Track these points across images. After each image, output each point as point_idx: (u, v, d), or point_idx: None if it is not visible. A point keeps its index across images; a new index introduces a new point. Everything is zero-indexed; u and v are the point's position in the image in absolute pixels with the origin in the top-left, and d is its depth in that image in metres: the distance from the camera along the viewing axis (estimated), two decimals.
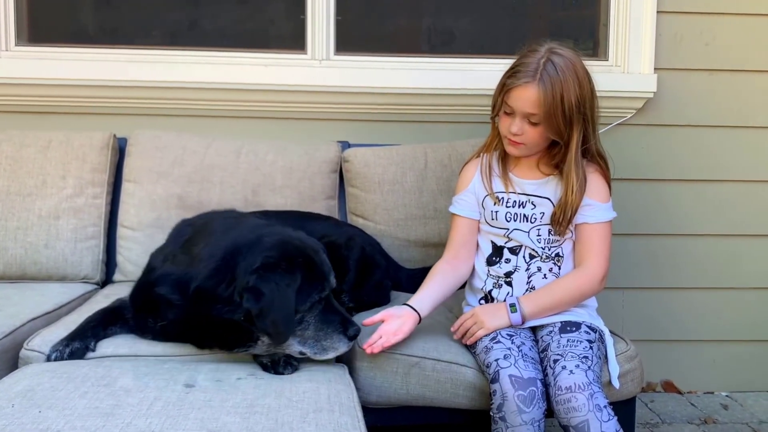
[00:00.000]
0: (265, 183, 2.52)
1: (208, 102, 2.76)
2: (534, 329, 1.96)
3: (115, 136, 2.59)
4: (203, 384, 1.61)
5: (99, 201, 2.51)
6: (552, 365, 1.78)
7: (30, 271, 2.42)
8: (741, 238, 2.94)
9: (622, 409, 1.85)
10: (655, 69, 2.84)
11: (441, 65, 2.85)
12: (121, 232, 2.50)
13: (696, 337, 2.97)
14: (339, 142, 2.68)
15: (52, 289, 2.30)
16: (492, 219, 2.03)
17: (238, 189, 2.50)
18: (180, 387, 1.59)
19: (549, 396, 1.75)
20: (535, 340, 1.93)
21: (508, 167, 2.04)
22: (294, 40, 2.84)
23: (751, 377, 2.98)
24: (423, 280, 2.01)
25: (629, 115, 2.86)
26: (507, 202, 2.01)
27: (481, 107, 2.20)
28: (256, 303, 1.67)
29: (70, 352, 1.78)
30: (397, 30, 3.00)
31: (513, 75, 1.90)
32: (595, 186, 1.97)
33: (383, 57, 2.84)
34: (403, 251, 2.52)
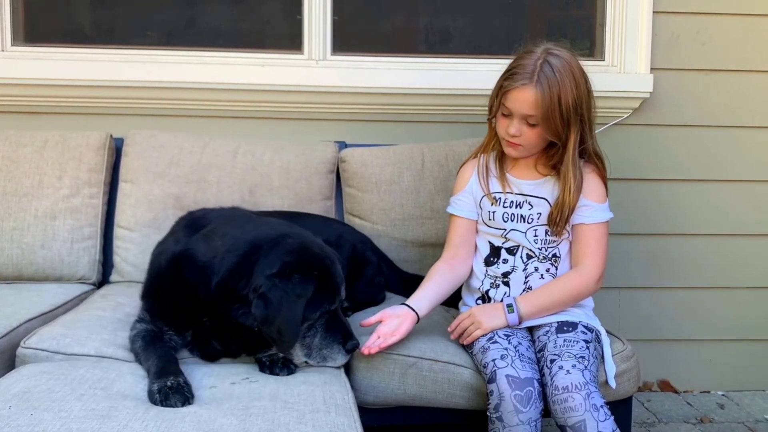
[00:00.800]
0: (262, 183, 2.51)
1: (205, 102, 2.76)
2: (531, 329, 1.97)
3: (111, 136, 2.58)
4: (198, 388, 1.61)
5: (95, 201, 2.51)
6: (549, 365, 1.78)
7: (26, 272, 2.41)
8: (737, 237, 2.94)
9: (619, 409, 1.85)
10: (652, 69, 2.84)
11: (438, 65, 2.85)
12: (118, 232, 2.50)
13: (692, 336, 2.98)
14: (336, 142, 2.68)
15: (48, 290, 2.29)
16: (489, 219, 2.03)
17: (235, 189, 2.49)
18: None
19: (546, 396, 1.75)
20: (532, 341, 1.93)
21: (506, 168, 2.04)
22: (290, 40, 2.83)
23: (748, 376, 2.99)
24: (418, 286, 2.00)
25: (626, 115, 2.87)
26: (504, 202, 2.01)
27: (478, 107, 2.20)
28: (264, 309, 1.68)
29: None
30: (394, 30, 3.00)
31: (510, 77, 1.90)
32: (592, 187, 1.98)
33: (380, 57, 2.83)
34: (401, 251, 2.52)
